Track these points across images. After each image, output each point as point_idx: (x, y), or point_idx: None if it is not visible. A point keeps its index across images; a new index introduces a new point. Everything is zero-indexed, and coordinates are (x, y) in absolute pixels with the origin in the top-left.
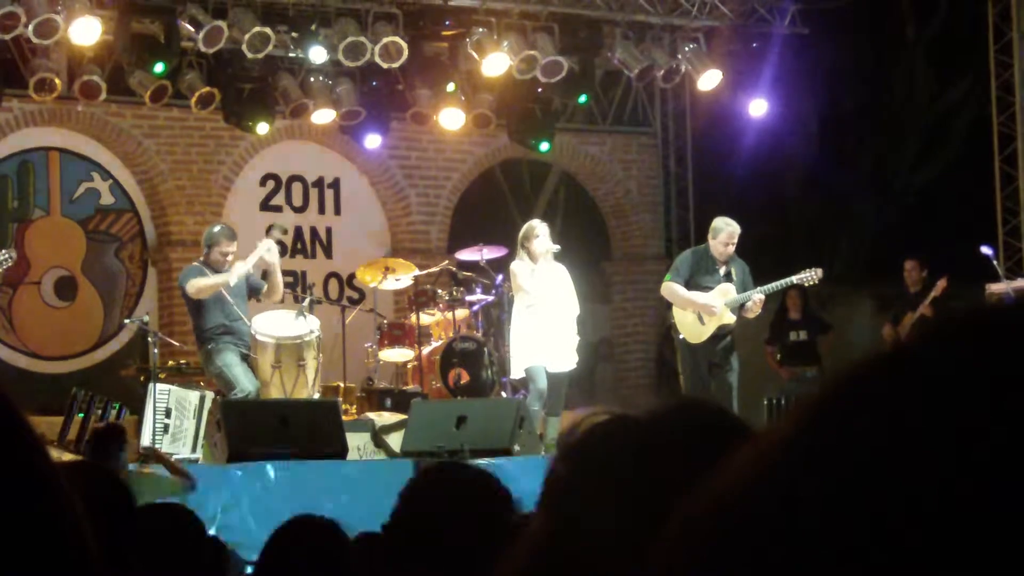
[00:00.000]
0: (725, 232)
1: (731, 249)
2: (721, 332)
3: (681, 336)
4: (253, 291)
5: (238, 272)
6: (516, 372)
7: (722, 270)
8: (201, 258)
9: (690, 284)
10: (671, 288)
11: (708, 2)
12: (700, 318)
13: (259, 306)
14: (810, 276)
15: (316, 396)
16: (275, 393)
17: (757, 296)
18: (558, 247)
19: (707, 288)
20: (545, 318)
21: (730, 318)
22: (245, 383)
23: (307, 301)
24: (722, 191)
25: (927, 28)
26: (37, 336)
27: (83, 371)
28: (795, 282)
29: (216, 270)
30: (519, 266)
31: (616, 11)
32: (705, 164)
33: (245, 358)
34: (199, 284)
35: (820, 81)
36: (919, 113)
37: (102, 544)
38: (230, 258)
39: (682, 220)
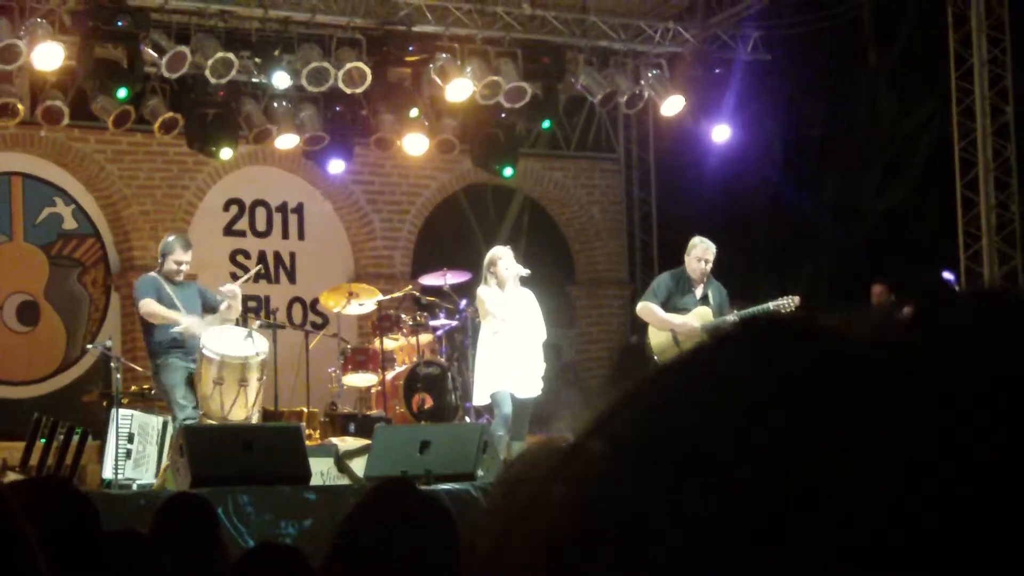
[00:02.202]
0: (699, 248)
1: (704, 266)
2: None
3: (656, 358)
4: (208, 308)
5: (191, 324)
6: (480, 398)
7: (699, 292)
8: (157, 269)
9: (667, 306)
10: (648, 308)
11: (671, 28)
12: (676, 340)
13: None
14: (787, 303)
15: (255, 417)
16: (212, 407)
17: (733, 320)
18: (528, 271)
19: (684, 310)
20: (512, 344)
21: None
22: (185, 411)
23: (258, 324)
24: (686, 216)
25: (889, 54)
26: None
27: (45, 396)
28: (772, 308)
29: (171, 280)
30: (486, 291)
31: (579, 37)
32: (669, 189)
33: (191, 375)
34: (151, 309)
35: (783, 106)
36: (882, 138)
37: (65, 559)
38: (184, 267)
39: (645, 245)
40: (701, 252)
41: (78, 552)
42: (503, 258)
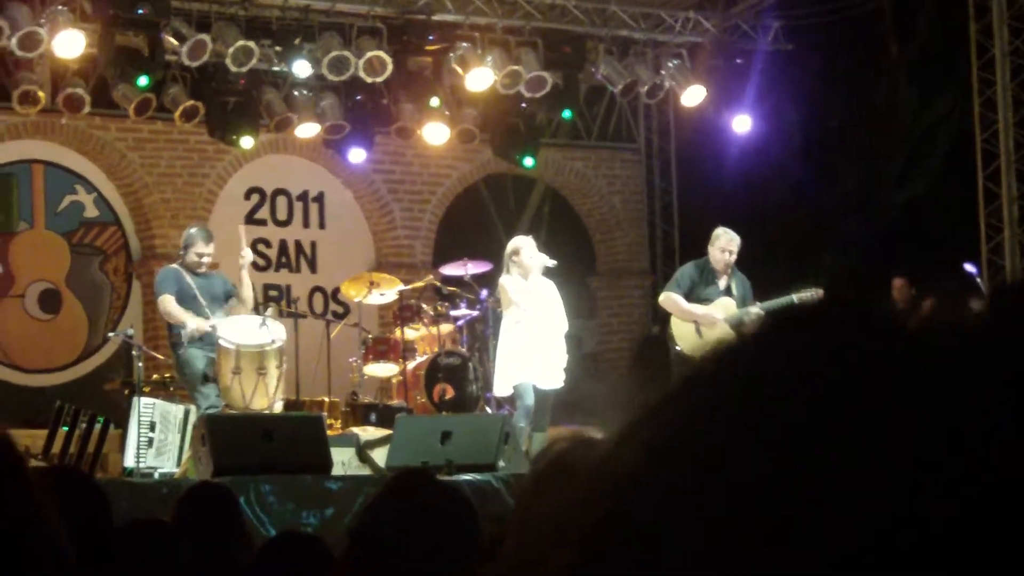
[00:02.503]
0: (723, 239)
1: (728, 257)
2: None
3: (678, 348)
4: (229, 297)
5: (200, 325)
6: (501, 389)
7: (722, 283)
8: (179, 261)
9: (690, 297)
10: (671, 298)
11: (691, 18)
12: (698, 330)
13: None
14: (810, 296)
15: (278, 405)
16: (234, 397)
17: (756, 311)
18: (554, 262)
19: (707, 301)
20: (534, 334)
21: (729, 333)
22: (209, 400)
23: (269, 311)
24: (706, 206)
25: (910, 45)
26: (20, 349)
27: (67, 384)
28: (795, 301)
29: (192, 271)
30: (508, 281)
31: (600, 27)
32: (689, 179)
33: (212, 365)
34: (166, 308)
35: (804, 97)
36: (902, 129)
37: (77, 547)
38: (206, 259)
39: (666, 235)
40: (725, 243)
41: (91, 542)
42: (526, 247)
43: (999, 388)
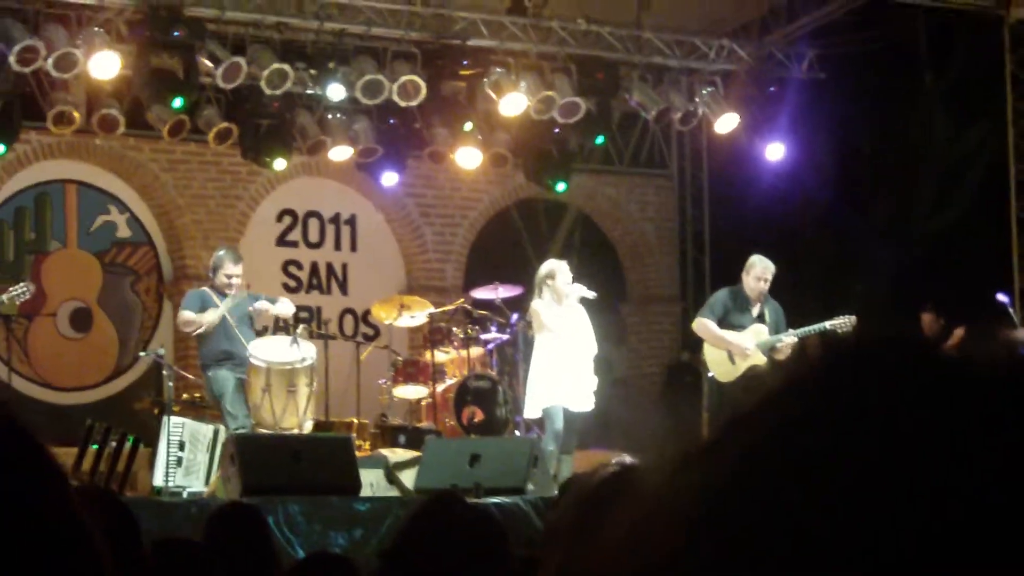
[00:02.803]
0: (758, 267)
1: (763, 286)
2: (751, 373)
3: (711, 374)
4: (255, 316)
5: (212, 317)
6: (531, 411)
7: (755, 310)
8: (208, 283)
9: (723, 323)
10: (704, 324)
11: (726, 46)
12: (731, 357)
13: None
14: (844, 323)
15: (307, 424)
16: (264, 416)
17: (788, 339)
18: (593, 294)
19: (740, 328)
20: (566, 357)
21: (761, 359)
22: (237, 420)
23: (300, 328)
24: (738, 234)
25: (944, 75)
26: (52, 367)
27: (97, 403)
28: (828, 328)
29: (222, 293)
30: (541, 305)
31: (634, 53)
32: (721, 206)
33: (241, 385)
34: (184, 317)
35: (836, 125)
36: (936, 159)
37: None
38: (235, 280)
39: (698, 262)
40: (760, 272)
41: (120, 564)
42: (561, 272)
43: None
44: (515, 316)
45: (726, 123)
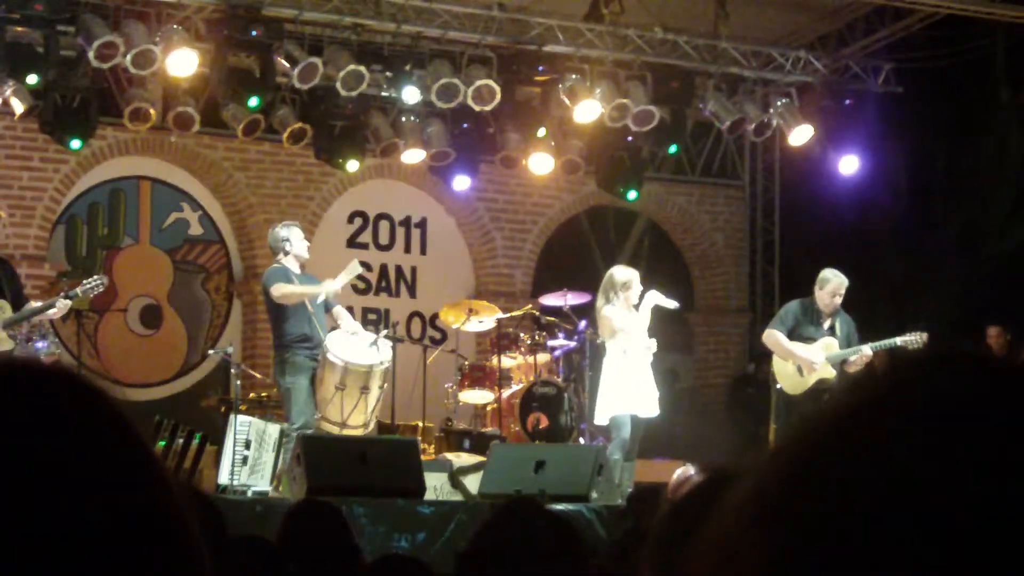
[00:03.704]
0: (833, 283)
1: (837, 301)
2: (820, 387)
3: (779, 386)
4: (328, 306)
5: (328, 288)
6: (602, 417)
7: (827, 324)
8: (282, 258)
9: (793, 335)
10: (774, 336)
11: (802, 58)
12: (800, 370)
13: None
14: (915, 339)
15: (371, 424)
16: (332, 412)
17: (866, 351)
18: (676, 304)
19: (810, 340)
20: (638, 365)
21: (830, 373)
22: (304, 415)
23: (383, 334)
24: (807, 246)
25: (1021, 92)
26: (121, 363)
27: (165, 399)
28: (899, 343)
29: (300, 259)
30: (614, 311)
31: (709, 63)
32: (792, 218)
33: (314, 376)
34: (285, 290)
35: (911, 140)
36: (1010, 177)
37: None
38: (307, 245)
39: (767, 274)
40: (835, 287)
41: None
42: (637, 282)
43: None
44: (583, 323)
45: (800, 135)
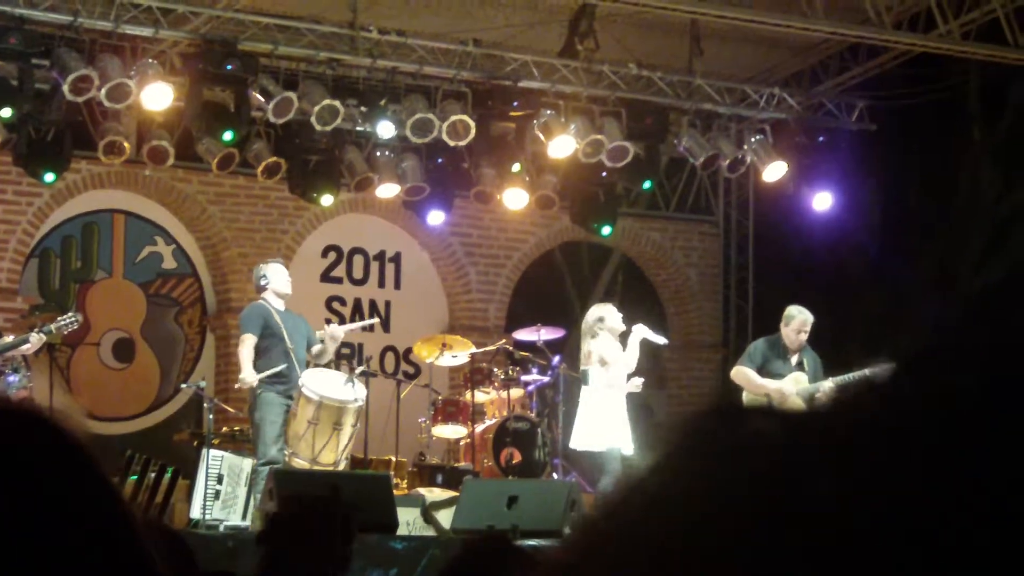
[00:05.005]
0: (798, 320)
1: (803, 337)
2: None
3: None
4: (310, 344)
5: (249, 378)
6: (579, 443)
7: (794, 359)
8: (262, 294)
9: (762, 371)
10: (744, 373)
11: (776, 94)
12: (770, 405)
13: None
14: (885, 372)
15: (343, 463)
16: (303, 448)
17: (829, 386)
18: (664, 340)
19: (779, 376)
20: (619, 399)
21: (801, 406)
22: (271, 451)
23: (360, 371)
24: (782, 282)
25: (994, 130)
26: (93, 397)
27: (136, 433)
28: (867, 375)
29: (280, 296)
30: (601, 345)
31: (684, 99)
32: (766, 254)
33: (287, 412)
34: (240, 349)
35: (885, 177)
36: (984, 215)
37: None
38: (289, 281)
39: (741, 309)
40: (800, 324)
41: None
42: (610, 314)
43: None
44: (556, 358)
45: (774, 171)
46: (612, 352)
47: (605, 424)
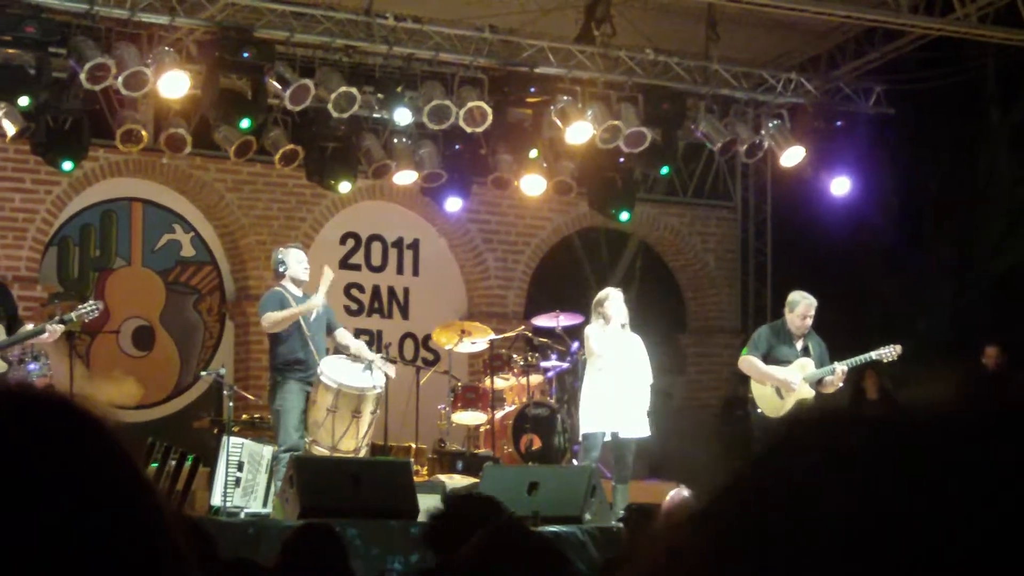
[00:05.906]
0: (802, 305)
1: (808, 323)
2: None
3: (759, 410)
4: (330, 328)
5: (312, 304)
6: (580, 427)
7: (799, 345)
8: (280, 280)
9: (768, 358)
10: (749, 362)
11: (793, 79)
12: (779, 392)
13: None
14: (889, 352)
15: (363, 450)
16: (323, 436)
17: (840, 368)
18: (626, 327)
19: (785, 362)
20: (614, 383)
21: (808, 393)
22: (292, 438)
23: (378, 357)
24: (799, 267)
25: (1012, 113)
26: (114, 383)
27: (157, 421)
28: (874, 358)
29: (297, 282)
30: (592, 330)
31: (701, 84)
32: (784, 239)
33: (307, 398)
34: (274, 318)
35: (903, 161)
36: (1001, 198)
37: None
38: (307, 266)
39: (759, 294)
40: (804, 310)
41: None
42: (611, 298)
43: None
44: (575, 344)
45: (791, 156)
46: (597, 339)
47: (594, 410)
